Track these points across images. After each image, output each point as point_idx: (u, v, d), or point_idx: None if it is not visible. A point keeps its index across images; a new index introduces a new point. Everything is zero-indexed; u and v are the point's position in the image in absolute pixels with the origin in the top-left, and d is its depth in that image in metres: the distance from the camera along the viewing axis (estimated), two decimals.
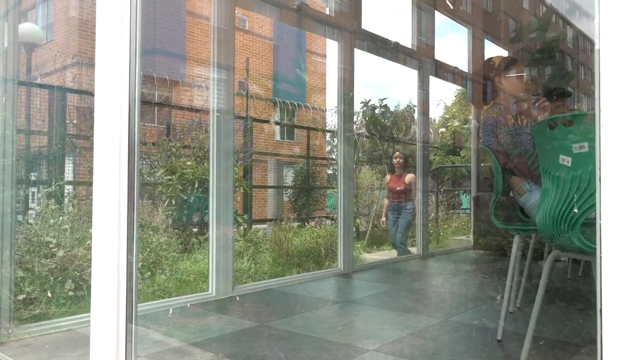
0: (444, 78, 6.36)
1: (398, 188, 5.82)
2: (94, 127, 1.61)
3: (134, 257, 1.58)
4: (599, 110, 0.71)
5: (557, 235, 1.82)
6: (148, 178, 5.99)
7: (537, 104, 2.56)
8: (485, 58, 2.78)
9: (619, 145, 0.73)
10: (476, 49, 6.27)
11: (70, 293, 3.88)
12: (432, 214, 8.11)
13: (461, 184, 9.63)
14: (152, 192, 5.92)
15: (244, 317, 3.11)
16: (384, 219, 6.11)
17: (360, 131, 8.87)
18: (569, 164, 1.70)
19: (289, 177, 10.45)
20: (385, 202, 6.03)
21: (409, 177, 5.80)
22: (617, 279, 0.75)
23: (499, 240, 5.17)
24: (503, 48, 6.54)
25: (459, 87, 11.75)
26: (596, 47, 0.71)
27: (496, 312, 3.03)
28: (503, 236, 5.01)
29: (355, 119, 8.39)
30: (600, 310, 0.80)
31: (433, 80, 5.84)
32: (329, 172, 12.10)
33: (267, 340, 2.64)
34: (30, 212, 5.08)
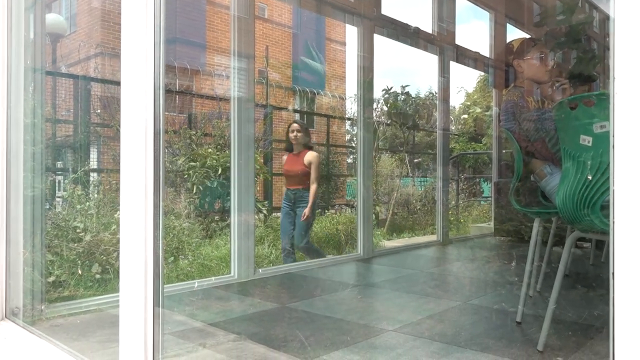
0: (465, 64, 6.29)
1: (295, 170, 4.35)
2: (121, 116, 1.66)
3: (160, 243, 1.63)
4: (613, 78, 0.71)
5: (577, 216, 1.82)
6: (170, 166, 6.09)
7: (558, 87, 2.53)
8: (507, 42, 2.75)
9: (633, 113, 0.73)
10: (498, 34, 6.18)
11: (97, 276, 4.00)
12: (452, 202, 8.08)
13: (482, 172, 9.54)
14: (174, 179, 6.03)
15: (266, 299, 3.17)
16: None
17: (380, 119, 8.84)
18: (590, 144, 1.69)
19: None
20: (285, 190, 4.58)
21: (309, 156, 4.32)
22: (631, 259, 0.76)
23: (519, 226, 5.13)
24: (527, 32, 6.43)
25: (481, 74, 11.59)
26: (611, 14, 0.72)
27: (515, 296, 3.03)
28: (523, 222, 4.98)
29: (375, 106, 8.37)
30: (613, 285, 0.81)
31: (454, 67, 5.79)
32: (349, 160, 12.10)
33: (288, 321, 2.70)
34: (57, 199, 5.23)
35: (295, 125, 4.48)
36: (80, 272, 3.69)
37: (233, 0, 3.67)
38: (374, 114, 8.21)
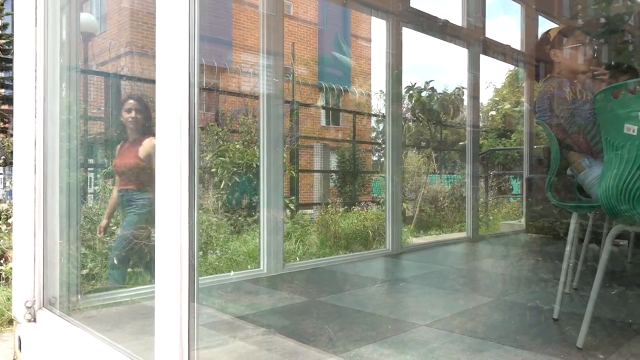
0: (495, 58, 6.17)
1: (125, 164, 3.25)
2: (156, 113, 1.66)
3: (195, 238, 1.64)
4: None
5: (621, 209, 1.76)
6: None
7: (597, 77, 2.45)
8: (543, 32, 2.68)
9: None
10: (529, 26, 6.04)
11: (128, 270, 4.07)
12: (481, 199, 7.95)
13: (512, 168, 9.36)
14: (201, 175, 6.09)
15: (295, 293, 3.17)
16: (104, 222, 3.56)
17: (405, 115, 8.77)
18: (635, 133, 1.63)
19: (334, 162, 10.49)
20: (114, 193, 3.48)
21: (146, 144, 3.16)
22: None
23: (553, 222, 5.00)
24: (559, 24, 6.27)
25: (510, 69, 11.38)
26: None
27: (549, 294, 2.96)
28: (558, 218, 4.85)
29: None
30: None
31: (482, 62, 5.68)
32: (374, 158, 12.04)
33: (318, 315, 2.69)
34: (89, 194, 5.34)
35: (131, 102, 3.18)
36: (116, 261, 3.77)
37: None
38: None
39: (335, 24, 14.07)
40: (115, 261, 3.31)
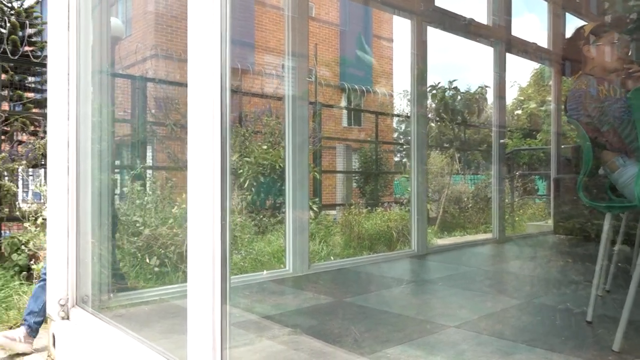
0: (521, 56, 6.07)
1: None
2: (188, 115, 1.68)
3: (227, 239, 1.65)
4: None
5: None
6: None
7: (632, 74, 2.39)
8: (575, 28, 2.62)
9: None
10: (556, 24, 5.93)
11: (156, 269, 4.13)
12: (506, 200, 7.83)
13: (538, 169, 9.20)
14: None
15: (321, 293, 3.17)
16: None
17: (428, 115, 8.70)
18: None
19: (357, 163, 10.47)
20: None
21: None
22: None
23: (584, 223, 4.89)
24: (587, 21, 6.14)
25: (536, 67, 11.19)
26: None
27: (580, 296, 2.90)
28: (589, 219, 4.74)
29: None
30: None
31: (507, 61, 5.59)
32: (396, 158, 11.97)
33: (345, 315, 2.68)
34: (115, 195, 5.44)
35: None
36: (148, 260, 3.82)
37: (287, 1, 3.70)
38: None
39: (356, 25, 14.05)
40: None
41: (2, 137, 4.91)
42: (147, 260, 3.97)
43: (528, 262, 4.49)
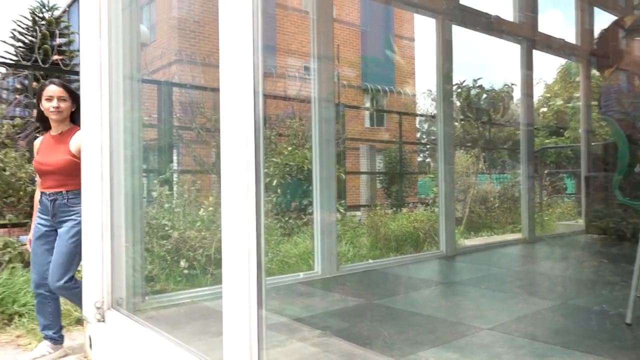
0: (549, 52, 5.96)
1: (54, 163, 2.66)
2: (220, 120, 1.70)
3: (262, 242, 1.66)
4: None
5: None
6: None
7: None
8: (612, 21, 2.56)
9: None
10: (584, 19, 5.80)
11: (185, 271, 4.18)
12: (534, 199, 7.69)
13: (566, 167, 9.01)
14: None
15: (351, 295, 3.17)
16: (29, 236, 2.85)
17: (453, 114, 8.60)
18: None
19: (380, 163, 10.42)
20: (36, 198, 2.81)
21: (80, 139, 2.68)
22: None
23: (619, 222, 4.75)
24: (616, 16, 5.99)
25: (562, 64, 10.97)
26: None
27: (618, 297, 2.83)
28: (623, 217, 4.62)
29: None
30: None
31: (534, 57, 5.49)
32: (419, 158, 11.88)
33: (375, 317, 2.67)
34: (143, 199, 5.52)
35: (54, 88, 2.65)
36: (182, 263, 3.87)
37: (312, 5, 3.71)
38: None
39: (377, 25, 14.01)
40: (59, 276, 2.59)
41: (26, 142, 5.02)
42: (182, 264, 4.02)
43: (560, 262, 4.40)
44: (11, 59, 15.07)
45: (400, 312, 2.74)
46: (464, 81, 8.18)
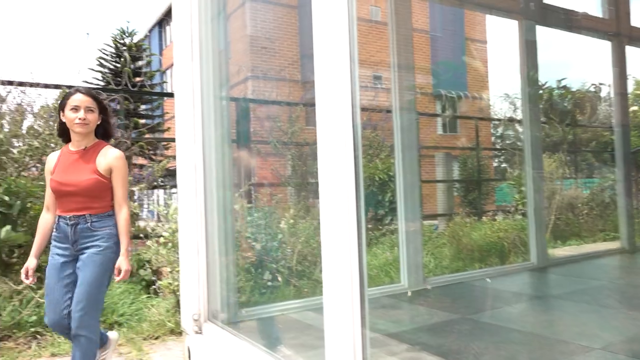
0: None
1: (77, 182, 2.27)
2: (317, 132, 1.71)
3: (364, 265, 1.65)
4: None
5: None
6: None
7: None
8: None
9: None
10: None
11: (269, 283, 4.25)
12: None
13: None
14: None
15: (443, 309, 3.07)
16: (29, 267, 2.33)
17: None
18: None
19: (456, 171, 10.14)
20: (44, 221, 2.39)
21: (111, 155, 2.32)
22: None
23: None
24: None
25: None
26: None
27: None
28: None
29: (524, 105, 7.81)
30: None
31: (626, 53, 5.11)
32: (494, 164, 11.42)
33: (472, 333, 2.56)
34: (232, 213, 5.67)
35: (80, 97, 2.28)
36: (280, 278, 3.93)
37: (390, 15, 3.70)
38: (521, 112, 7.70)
39: (447, 29, 13.73)
40: (83, 315, 2.21)
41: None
42: (266, 276, 4.09)
43: None
44: (98, 84, 16.30)
45: (498, 328, 2.62)
46: (545, 82, 7.79)
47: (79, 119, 2.23)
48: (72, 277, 2.25)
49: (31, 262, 2.31)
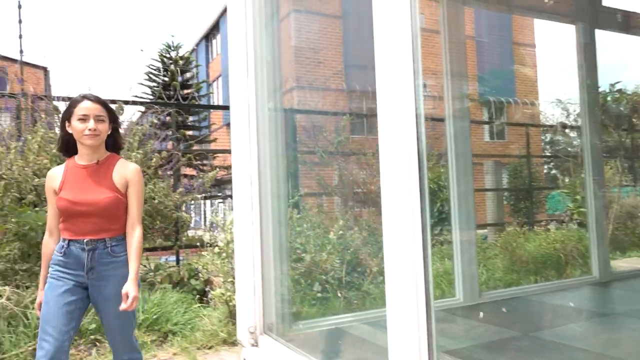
0: None
1: (91, 201, 2.00)
2: (379, 140, 1.70)
3: (430, 288, 1.62)
4: None
5: None
6: (371, 187, 6.24)
7: None
8: None
9: None
10: None
11: (318, 295, 4.23)
12: None
13: None
14: (375, 199, 6.16)
15: (499, 325, 2.97)
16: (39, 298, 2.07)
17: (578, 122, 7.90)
18: None
19: (505, 179, 9.87)
20: (48, 248, 2.08)
21: (127, 169, 2.07)
22: None
23: None
24: None
25: None
26: None
27: None
28: None
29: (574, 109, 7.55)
30: None
31: None
32: (544, 171, 11.04)
33: (534, 351, 2.46)
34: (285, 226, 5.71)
35: (89, 105, 2.00)
36: (339, 294, 3.90)
37: (443, 24, 3.67)
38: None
39: (494, 34, 13.44)
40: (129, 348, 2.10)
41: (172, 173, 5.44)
42: (315, 287, 4.08)
43: None
44: (148, 98, 16.88)
45: (565, 347, 2.50)
46: (600, 86, 7.49)
47: (89, 129, 1.94)
48: (79, 304, 1.98)
49: (42, 296, 2.02)
